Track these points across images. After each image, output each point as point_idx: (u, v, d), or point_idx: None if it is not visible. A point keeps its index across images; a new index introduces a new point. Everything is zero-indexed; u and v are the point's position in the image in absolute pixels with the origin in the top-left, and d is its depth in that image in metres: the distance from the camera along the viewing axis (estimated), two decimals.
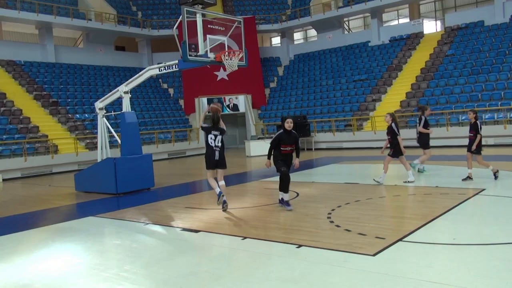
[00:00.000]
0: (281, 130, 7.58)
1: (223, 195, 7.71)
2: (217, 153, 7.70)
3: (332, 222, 6.54)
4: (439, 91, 21.42)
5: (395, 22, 31.10)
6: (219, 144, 7.74)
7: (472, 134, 9.40)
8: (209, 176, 7.93)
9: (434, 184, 9.27)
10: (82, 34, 29.28)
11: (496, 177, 9.31)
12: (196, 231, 6.61)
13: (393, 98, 22.76)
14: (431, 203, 7.51)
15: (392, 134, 9.65)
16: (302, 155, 21.14)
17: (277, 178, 8.04)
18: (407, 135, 15.95)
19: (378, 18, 28.77)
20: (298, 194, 9.06)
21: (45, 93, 23.52)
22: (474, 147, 9.34)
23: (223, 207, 7.85)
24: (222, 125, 7.84)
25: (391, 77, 24.78)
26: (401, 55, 26.11)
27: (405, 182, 9.67)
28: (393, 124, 9.64)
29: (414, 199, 8.22)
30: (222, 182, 7.84)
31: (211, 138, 7.72)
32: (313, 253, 5.08)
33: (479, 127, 9.30)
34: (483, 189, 8.37)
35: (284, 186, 7.59)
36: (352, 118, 22.41)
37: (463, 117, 18.94)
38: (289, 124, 7.45)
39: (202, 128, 7.84)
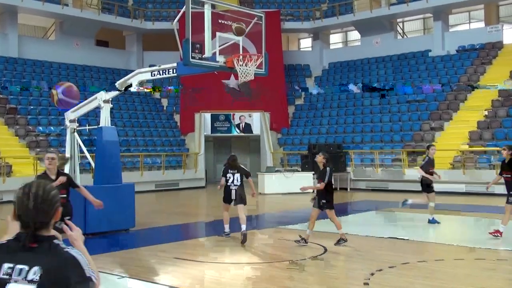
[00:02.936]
0: None
1: None
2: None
3: None
4: None
5: (466, 27, 31.25)
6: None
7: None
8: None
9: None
10: (54, 23, 29.97)
11: (338, 243, 8.97)
12: None
13: (459, 128, 22.64)
14: (507, 272, 7.35)
15: None
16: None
17: (297, 226, 7.98)
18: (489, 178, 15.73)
19: (443, 20, 28.93)
20: (326, 250, 8.96)
21: (0, 96, 23.98)
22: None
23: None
24: None
25: (457, 100, 24.72)
26: (472, 70, 26.12)
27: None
28: None
29: (483, 266, 8.04)
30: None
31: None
32: None
33: (327, 175, 8.99)
34: None
35: None
36: (402, 150, 22.29)
37: None
38: None
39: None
